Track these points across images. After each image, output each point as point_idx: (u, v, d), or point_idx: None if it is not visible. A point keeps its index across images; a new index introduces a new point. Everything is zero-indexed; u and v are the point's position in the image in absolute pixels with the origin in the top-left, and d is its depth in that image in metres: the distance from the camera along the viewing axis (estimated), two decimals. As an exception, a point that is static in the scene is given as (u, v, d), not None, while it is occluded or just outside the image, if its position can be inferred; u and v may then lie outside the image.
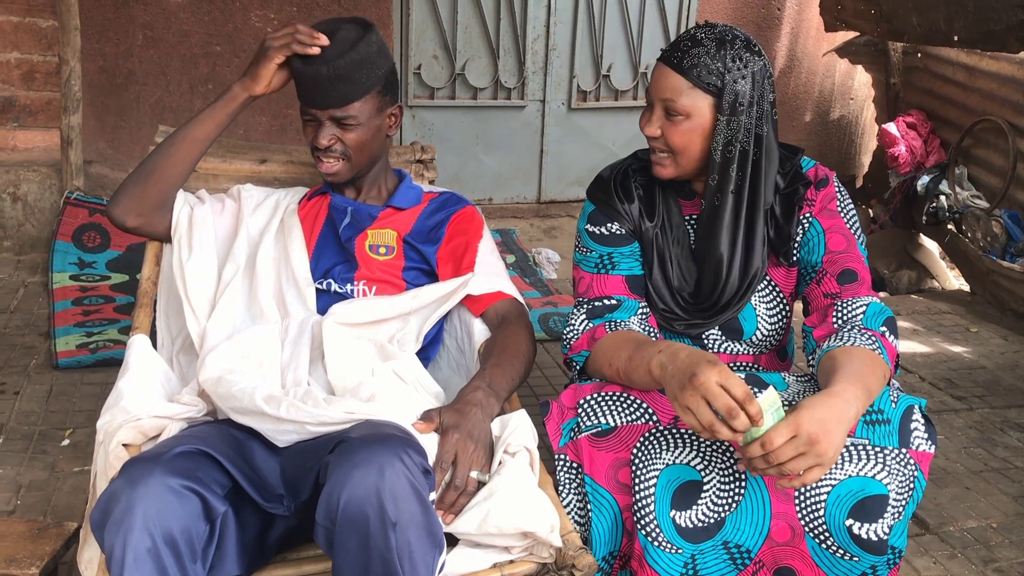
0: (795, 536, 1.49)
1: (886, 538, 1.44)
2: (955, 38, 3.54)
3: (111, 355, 2.89)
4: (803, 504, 1.48)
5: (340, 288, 1.79)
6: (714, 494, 1.52)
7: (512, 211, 4.98)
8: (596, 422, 1.56)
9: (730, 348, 1.74)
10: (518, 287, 2.43)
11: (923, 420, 1.51)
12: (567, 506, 1.58)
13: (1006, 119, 4.04)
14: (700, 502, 1.52)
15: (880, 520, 1.44)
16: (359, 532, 1.25)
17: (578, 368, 1.69)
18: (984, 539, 2.27)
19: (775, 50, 5.22)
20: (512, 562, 1.43)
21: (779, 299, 1.73)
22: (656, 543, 1.48)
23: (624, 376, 1.56)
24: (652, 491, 1.50)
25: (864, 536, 1.44)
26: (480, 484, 1.46)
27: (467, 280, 1.80)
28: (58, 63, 3.74)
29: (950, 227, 4.38)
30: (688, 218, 1.75)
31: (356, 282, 1.80)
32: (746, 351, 1.75)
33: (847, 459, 1.46)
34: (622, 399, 1.57)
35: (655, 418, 1.55)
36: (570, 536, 1.45)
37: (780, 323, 1.74)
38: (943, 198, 4.36)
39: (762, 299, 1.72)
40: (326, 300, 1.76)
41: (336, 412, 1.44)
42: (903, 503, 1.47)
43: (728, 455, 1.54)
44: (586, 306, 1.70)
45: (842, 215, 1.70)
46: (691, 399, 1.34)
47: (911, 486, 1.48)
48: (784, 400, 1.58)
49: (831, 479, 1.46)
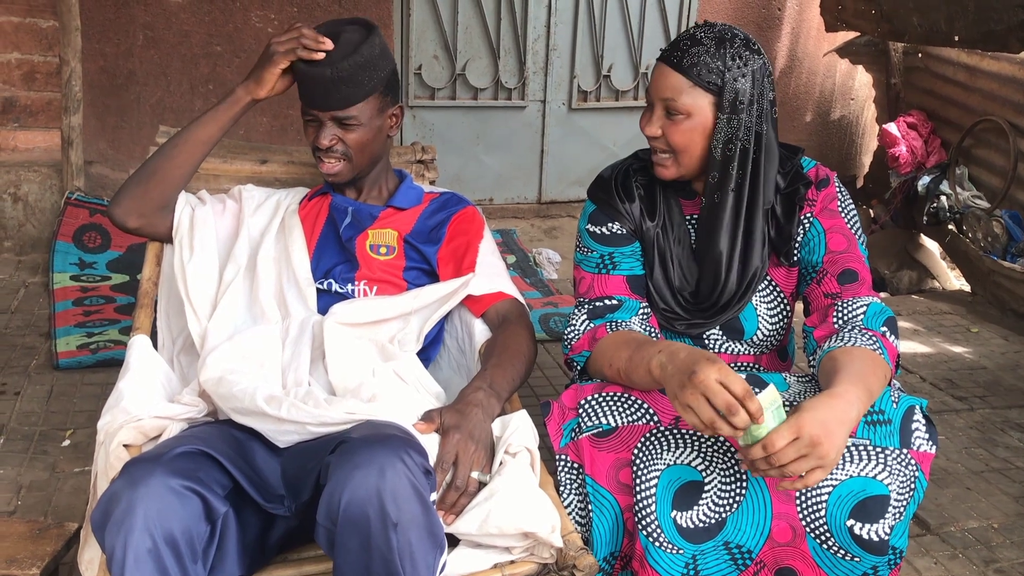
0: (796, 536, 1.49)
1: (887, 538, 1.44)
2: (956, 38, 3.54)
3: (112, 355, 2.89)
4: (804, 504, 1.48)
5: (341, 288, 1.79)
6: (715, 494, 1.52)
7: (513, 211, 4.97)
8: (597, 422, 1.56)
9: (731, 348, 1.74)
10: (519, 287, 2.43)
11: (924, 420, 1.51)
12: (568, 507, 1.58)
13: (1007, 119, 4.04)
14: (701, 502, 1.52)
15: (881, 520, 1.44)
16: (360, 532, 1.25)
17: (579, 368, 1.69)
18: (985, 539, 2.27)
19: (776, 50, 5.22)
20: (513, 562, 1.43)
21: (780, 299, 1.73)
22: (657, 543, 1.48)
23: (625, 376, 1.55)
24: (653, 491, 1.50)
25: (865, 536, 1.44)
26: (481, 484, 1.46)
27: (468, 280, 1.80)
28: (59, 63, 3.74)
29: (951, 227, 4.38)
30: (689, 218, 1.75)
31: (357, 282, 1.80)
32: (747, 351, 1.75)
33: (848, 459, 1.46)
34: (623, 399, 1.57)
35: (656, 418, 1.55)
36: (571, 536, 1.45)
37: (781, 323, 1.74)
38: (944, 198, 4.36)
39: (763, 299, 1.72)
40: (327, 300, 1.76)
41: (337, 413, 1.44)
42: (904, 503, 1.47)
43: (729, 455, 1.54)
44: (587, 306, 1.70)
45: (843, 215, 1.70)
46: (691, 397, 1.34)
47: (912, 486, 1.48)
48: (785, 400, 1.58)
49: (832, 479, 1.46)
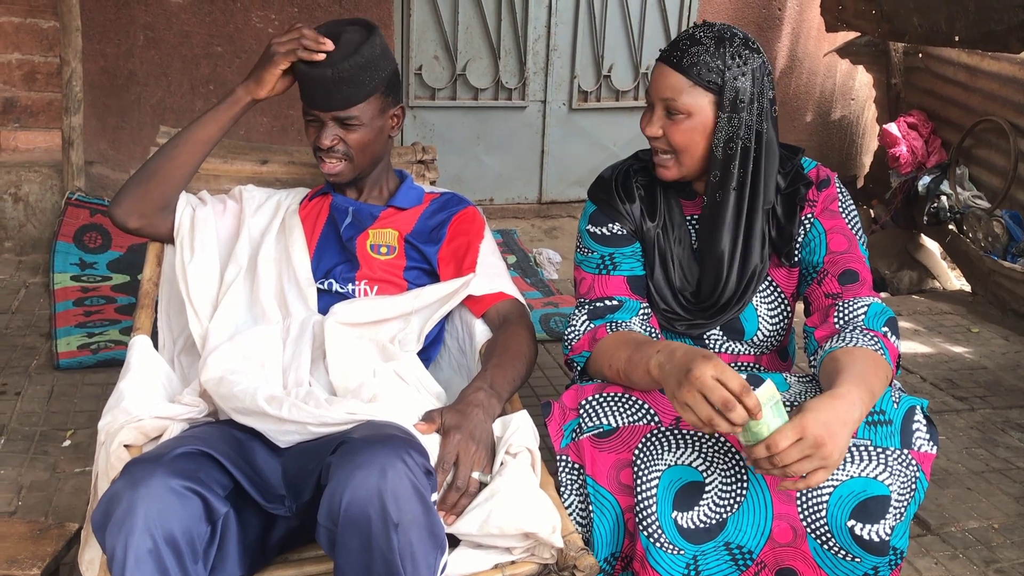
0: (797, 537, 1.49)
1: (888, 539, 1.44)
2: (956, 38, 3.54)
3: (112, 356, 2.89)
4: (805, 505, 1.48)
5: (341, 288, 1.79)
6: (716, 495, 1.52)
7: (513, 211, 4.98)
8: (598, 423, 1.56)
9: (731, 348, 1.74)
10: (519, 287, 2.43)
11: (925, 421, 1.51)
12: (569, 507, 1.58)
13: (1007, 119, 4.04)
14: (702, 503, 1.52)
15: (882, 521, 1.43)
16: (361, 533, 1.25)
17: (579, 369, 1.69)
18: (986, 540, 2.27)
19: (776, 50, 5.22)
20: (514, 563, 1.43)
21: (780, 300, 1.73)
22: (658, 544, 1.48)
23: (624, 377, 1.55)
24: (654, 492, 1.50)
25: (866, 537, 1.44)
26: (482, 485, 1.46)
27: (468, 280, 1.80)
28: (59, 64, 3.74)
29: (951, 227, 4.38)
30: (689, 218, 1.75)
31: (357, 282, 1.80)
32: (747, 351, 1.75)
33: (849, 460, 1.46)
34: (624, 400, 1.57)
35: (657, 419, 1.55)
36: (572, 537, 1.45)
37: (781, 324, 1.74)
38: (944, 198, 4.36)
39: (763, 300, 1.72)
40: (327, 300, 1.76)
41: (338, 413, 1.44)
42: (905, 504, 1.47)
43: (730, 456, 1.54)
44: (587, 307, 1.70)
45: (843, 216, 1.70)
46: (688, 395, 1.34)
47: (913, 487, 1.48)
48: (785, 400, 1.58)
49: (833, 480, 1.46)
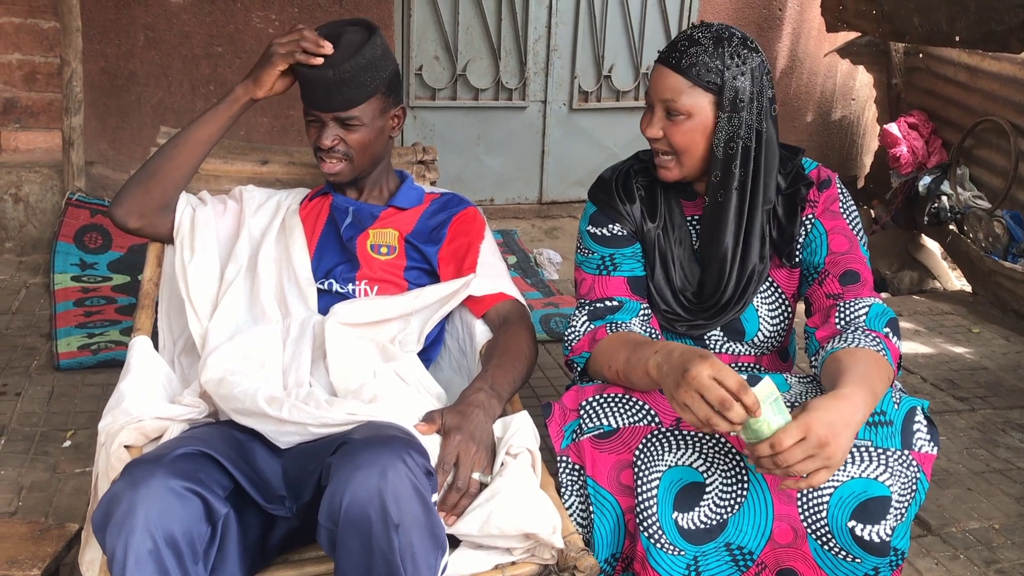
0: (797, 538, 1.49)
1: (888, 540, 1.44)
2: (957, 38, 3.54)
3: (112, 356, 2.89)
4: (805, 506, 1.48)
5: (342, 288, 1.79)
6: (716, 496, 1.52)
7: (513, 212, 4.98)
8: (598, 424, 1.56)
9: (732, 349, 1.74)
10: (519, 288, 2.43)
11: (925, 422, 1.51)
12: (569, 508, 1.58)
13: (1008, 119, 4.04)
14: (702, 504, 1.52)
15: (883, 522, 1.43)
16: (361, 533, 1.25)
17: (579, 369, 1.69)
18: (986, 540, 2.27)
19: (776, 51, 5.22)
20: (514, 563, 1.43)
21: (781, 300, 1.73)
22: (658, 545, 1.48)
23: (623, 378, 1.55)
24: (654, 493, 1.50)
25: (866, 538, 1.44)
26: (482, 485, 1.46)
27: (469, 281, 1.80)
28: (60, 64, 3.74)
29: (952, 227, 4.38)
30: (690, 219, 1.75)
31: (358, 282, 1.80)
32: (748, 352, 1.75)
33: (849, 461, 1.46)
34: (624, 401, 1.57)
35: (657, 420, 1.55)
36: (572, 537, 1.45)
37: (782, 325, 1.74)
38: (945, 198, 4.36)
39: (764, 300, 1.72)
40: (327, 300, 1.76)
41: (338, 414, 1.44)
42: (905, 505, 1.47)
43: (731, 456, 1.54)
44: (587, 307, 1.70)
45: (844, 216, 1.70)
46: (685, 395, 1.34)
47: (913, 488, 1.47)
48: (786, 401, 1.58)
49: (834, 481, 1.46)
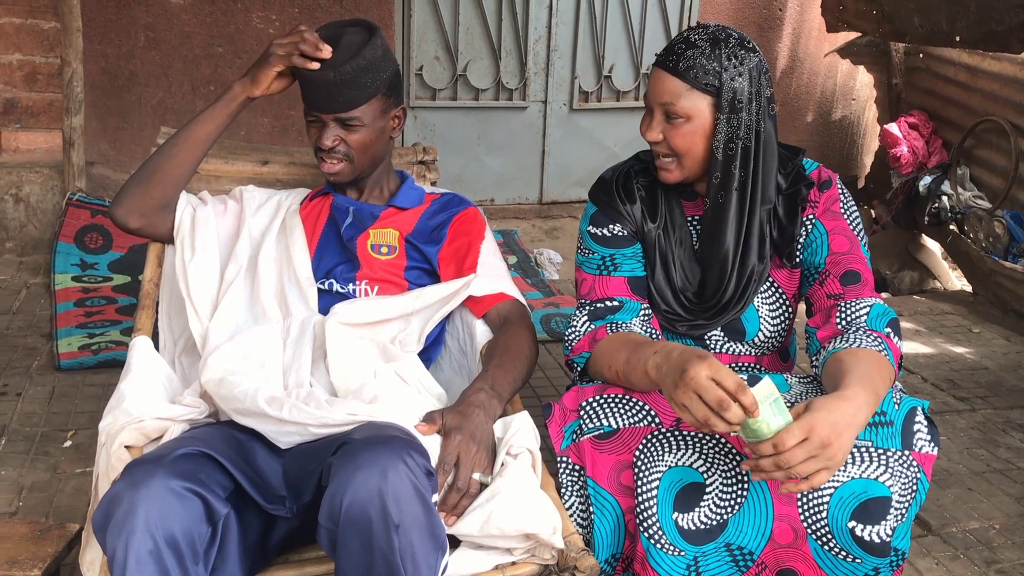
0: (797, 538, 1.49)
1: (889, 540, 1.44)
2: (957, 39, 3.54)
3: (113, 357, 2.89)
4: (806, 506, 1.48)
5: (342, 288, 1.79)
6: (716, 496, 1.52)
7: (514, 212, 4.98)
8: (598, 424, 1.56)
9: (732, 349, 1.74)
10: (520, 288, 2.43)
11: (926, 422, 1.51)
12: (569, 508, 1.58)
13: (1008, 119, 4.04)
14: (703, 504, 1.52)
15: (883, 522, 1.43)
16: (362, 534, 1.25)
17: (579, 370, 1.69)
18: (986, 540, 2.27)
19: (777, 51, 5.22)
20: (514, 564, 1.43)
21: (782, 301, 1.73)
22: (659, 545, 1.48)
23: (623, 378, 1.55)
24: (655, 493, 1.50)
25: (867, 538, 1.44)
26: (482, 486, 1.46)
27: (469, 281, 1.80)
28: (60, 64, 3.74)
29: (952, 228, 4.38)
30: (691, 219, 1.75)
31: (358, 282, 1.80)
32: (748, 352, 1.75)
33: (850, 461, 1.46)
34: (624, 401, 1.57)
35: (657, 420, 1.55)
36: (572, 538, 1.45)
37: (782, 325, 1.74)
38: (945, 198, 4.36)
39: (764, 300, 1.72)
40: (328, 300, 1.76)
41: (338, 414, 1.44)
42: (906, 505, 1.47)
43: (731, 457, 1.54)
44: (588, 308, 1.70)
45: (845, 216, 1.70)
46: (684, 395, 1.34)
47: (914, 488, 1.47)
48: (786, 401, 1.58)
49: (834, 481, 1.46)
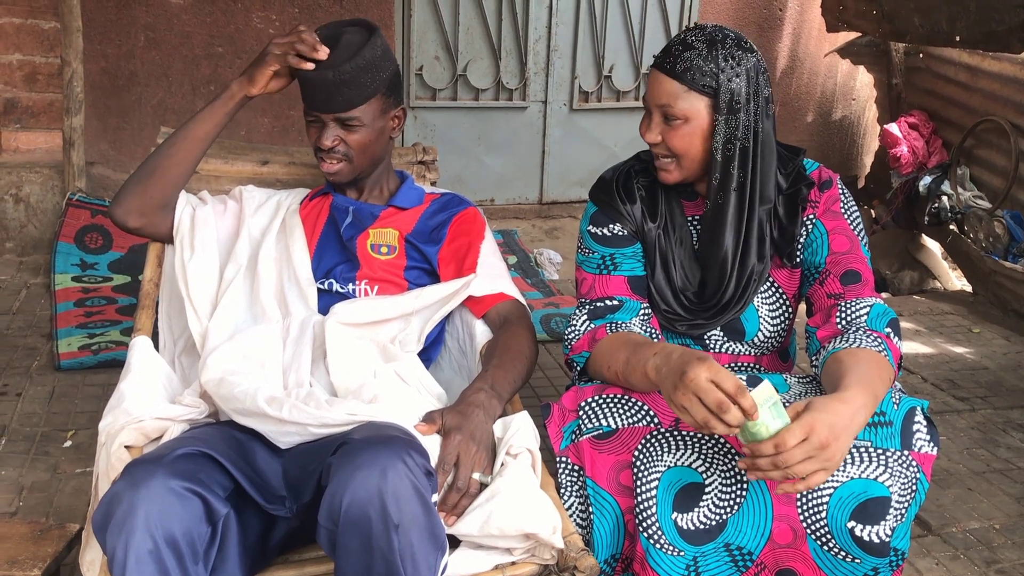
0: (797, 538, 1.49)
1: (888, 540, 1.44)
2: (957, 38, 3.54)
3: (113, 357, 2.89)
4: (805, 506, 1.48)
5: (342, 288, 1.79)
6: (716, 496, 1.52)
7: (514, 212, 4.98)
8: (597, 424, 1.56)
9: (732, 349, 1.74)
10: (520, 288, 2.43)
11: (925, 422, 1.51)
12: (569, 509, 1.58)
13: (1008, 119, 4.04)
14: (702, 504, 1.52)
15: (882, 522, 1.43)
16: (361, 533, 1.25)
17: (579, 369, 1.69)
18: (987, 540, 2.27)
19: (777, 51, 5.22)
20: (514, 563, 1.43)
21: (782, 301, 1.73)
22: (658, 545, 1.48)
23: (622, 379, 1.56)
24: (654, 493, 1.50)
25: (866, 538, 1.44)
26: (482, 486, 1.46)
27: (469, 281, 1.80)
28: (60, 65, 3.74)
29: (952, 227, 4.38)
30: (691, 219, 1.75)
31: (358, 281, 1.80)
32: (748, 352, 1.75)
33: (849, 461, 1.46)
34: (623, 401, 1.57)
35: (656, 420, 1.55)
36: (572, 538, 1.45)
37: (782, 325, 1.74)
38: (945, 198, 4.36)
39: (765, 300, 1.72)
40: (328, 300, 1.76)
41: (338, 414, 1.44)
42: (905, 505, 1.47)
43: (730, 457, 1.54)
44: (588, 307, 1.70)
45: (845, 216, 1.70)
46: (684, 397, 1.34)
47: (913, 488, 1.47)
48: (785, 402, 1.58)
49: (833, 481, 1.46)
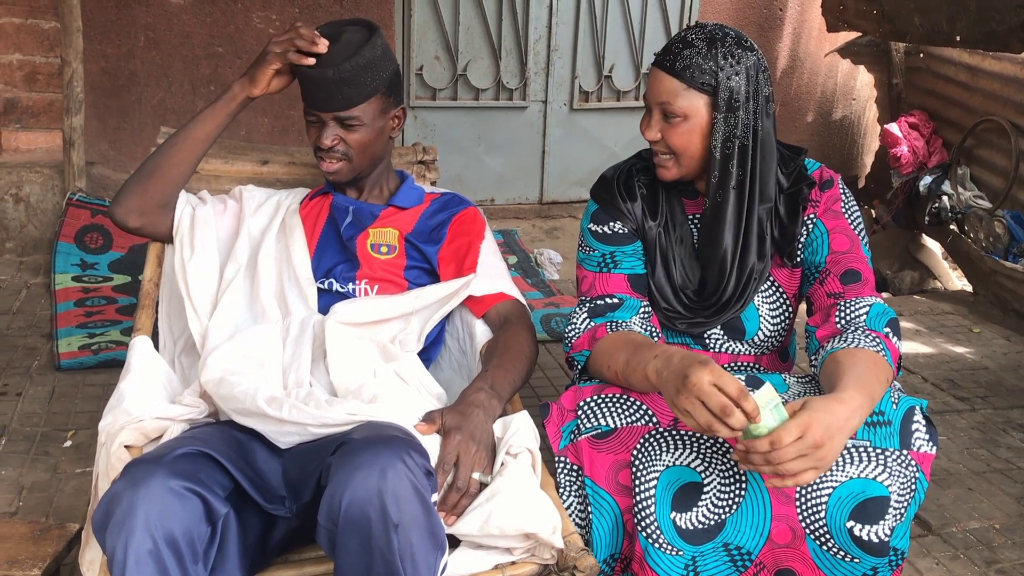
0: (796, 538, 1.49)
1: (887, 540, 1.44)
2: (957, 38, 3.54)
3: (113, 356, 2.89)
4: (804, 506, 1.48)
5: (342, 287, 1.79)
6: (714, 496, 1.52)
7: (514, 212, 4.97)
8: (596, 424, 1.56)
9: (732, 348, 1.74)
10: (520, 288, 2.43)
11: (924, 421, 1.51)
12: (568, 508, 1.58)
13: (1008, 119, 4.04)
14: (701, 504, 1.52)
15: (881, 522, 1.43)
16: (361, 533, 1.25)
17: (579, 367, 1.69)
18: (987, 540, 2.26)
19: (777, 51, 5.22)
20: (514, 563, 1.43)
21: (782, 300, 1.73)
22: (657, 545, 1.48)
23: (622, 379, 1.56)
24: (652, 493, 1.50)
25: (865, 538, 1.44)
26: (482, 485, 1.46)
27: (469, 281, 1.80)
28: (60, 64, 3.74)
29: (952, 227, 4.38)
30: (691, 217, 1.75)
31: (358, 281, 1.80)
32: (748, 351, 1.75)
33: (848, 461, 1.46)
34: (622, 401, 1.57)
35: (655, 420, 1.55)
36: (572, 537, 1.45)
37: (782, 324, 1.74)
38: (945, 198, 4.35)
39: (765, 300, 1.72)
40: (327, 299, 1.76)
41: (338, 414, 1.44)
42: (905, 505, 1.47)
43: (729, 457, 1.54)
44: (588, 305, 1.70)
45: (846, 216, 1.70)
46: (686, 402, 1.34)
47: (912, 488, 1.47)
48: (785, 401, 1.58)
49: (832, 481, 1.46)
